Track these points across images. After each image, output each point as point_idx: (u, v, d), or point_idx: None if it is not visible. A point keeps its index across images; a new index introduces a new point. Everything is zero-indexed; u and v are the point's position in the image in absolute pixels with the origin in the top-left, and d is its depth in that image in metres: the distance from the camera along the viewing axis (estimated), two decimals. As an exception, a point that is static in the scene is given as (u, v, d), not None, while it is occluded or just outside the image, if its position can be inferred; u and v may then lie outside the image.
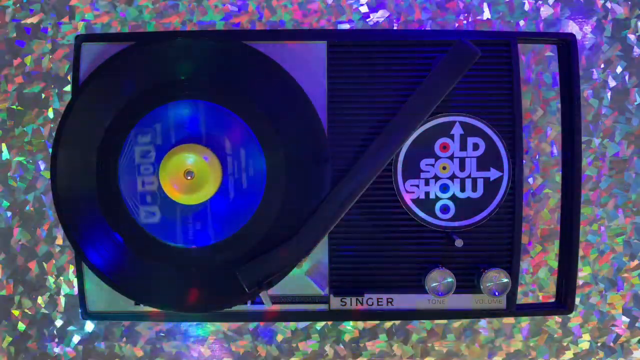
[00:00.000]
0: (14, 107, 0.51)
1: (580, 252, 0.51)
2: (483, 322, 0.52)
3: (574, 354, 0.52)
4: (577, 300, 0.51)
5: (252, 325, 0.52)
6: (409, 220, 0.43)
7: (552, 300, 0.47)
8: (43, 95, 0.51)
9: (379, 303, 0.44)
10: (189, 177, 0.39)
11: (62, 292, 0.52)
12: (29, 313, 0.52)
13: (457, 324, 0.52)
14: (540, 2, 0.51)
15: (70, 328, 0.52)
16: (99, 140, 0.42)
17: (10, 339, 0.52)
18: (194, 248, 0.42)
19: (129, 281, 0.42)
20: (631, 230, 0.51)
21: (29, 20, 0.51)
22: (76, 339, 0.52)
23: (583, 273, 0.52)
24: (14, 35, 0.51)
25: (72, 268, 0.51)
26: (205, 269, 0.42)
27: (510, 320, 0.52)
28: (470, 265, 0.44)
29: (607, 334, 0.52)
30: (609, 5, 0.51)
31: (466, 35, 0.42)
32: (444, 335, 0.52)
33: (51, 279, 0.51)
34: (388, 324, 0.52)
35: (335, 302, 0.44)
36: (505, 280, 0.42)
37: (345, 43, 0.43)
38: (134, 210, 0.42)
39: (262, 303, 0.42)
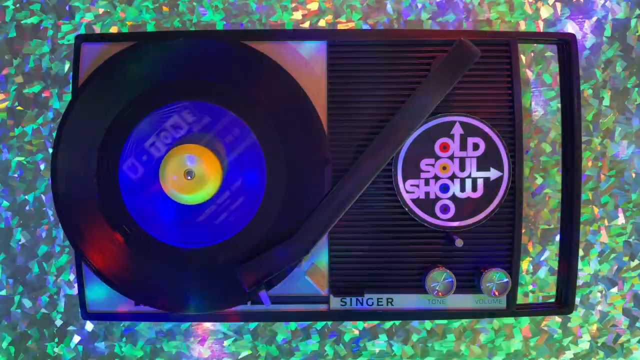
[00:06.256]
0: (14, 107, 0.51)
1: (580, 252, 0.51)
2: (483, 322, 0.52)
3: (574, 354, 0.52)
4: (577, 300, 0.51)
5: (252, 325, 0.52)
6: (409, 220, 0.43)
7: (552, 300, 0.47)
8: (43, 95, 0.51)
9: (379, 303, 0.44)
10: (189, 178, 0.39)
11: (62, 292, 0.52)
12: (29, 313, 0.52)
13: (457, 324, 0.52)
14: (540, 2, 0.51)
15: (70, 328, 0.52)
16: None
17: (10, 339, 0.52)
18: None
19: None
20: (631, 230, 0.51)
21: (29, 20, 0.51)
22: (76, 339, 0.52)
23: (583, 273, 0.52)
24: (14, 35, 0.51)
25: (72, 268, 0.51)
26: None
27: (510, 320, 0.52)
28: (470, 265, 0.44)
29: (607, 334, 0.52)
30: (609, 5, 0.51)
31: (466, 35, 0.42)
32: (444, 335, 0.52)
33: (51, 279, 0.51)
34: (388, 324, 0.52)
35: (335, 302, 0.44)
36: (505, 280, 0.42)
37: (345, 43, 0.43)
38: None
39: (262, 303, 0.42)
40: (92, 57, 0.43)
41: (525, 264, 0.52)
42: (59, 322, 0.52)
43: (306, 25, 0.51)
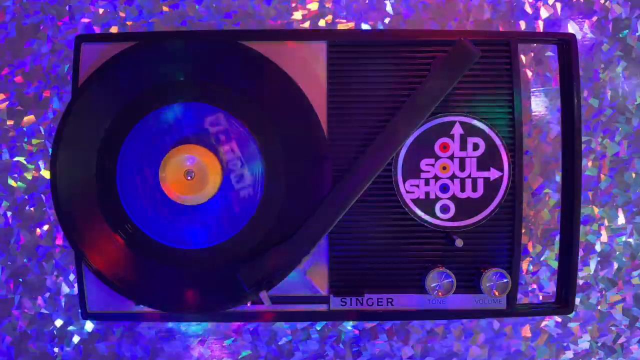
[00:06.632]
0: (14, 107, 0.51)
1: (580, 252, 0.51)
2: (483, 322, 0.52)
3: (574, 354, 0.52)
4: (577, 300, 0.51)
5: (252, 325, 0.52)
6: (409, 220, 0.43)
7: (552, 300, 0.47)
8: (43, 95, 0.51)
9: (379, 303, 0.44)
10: (189, 178, 0.39)
11: (62, 292, 0.52)
12: (29, 313, 0.52)
13: (457, 323, 0.52)
14: (540, 2, 0.51)
15: (70, 328, 0.52)
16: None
17: (11, 339, 0.52)
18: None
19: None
20: (631, 230, 0.51)
21: (29, 20, 0.51)
22: (76, 339, 0.52)
23: (583, 273, 0.52)
24: (14, 35, 0.51)
25: (72, 268, 0.51)
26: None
27: (510, 320, 0.52)
28: (470, 265, 0.44)
29: (607, 334, 0.52)
30: (608, 5, 0.51)
31: (466, 35, 0.42)
32: (444, 335, 0.52)
33: (51, 279, 0.51)
34: (388, 324, 0.52)
35: (335, 302, 0.44)
36: (505, 280, 0.42)
37: (345, 43, 0.43)
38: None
39: (262, 303, 0.42)
40: (92, 57, 0.43)
41: (525, 264, 0.52)
42: (59, 322, 0.52)
43: (306, 25, 0.51)
